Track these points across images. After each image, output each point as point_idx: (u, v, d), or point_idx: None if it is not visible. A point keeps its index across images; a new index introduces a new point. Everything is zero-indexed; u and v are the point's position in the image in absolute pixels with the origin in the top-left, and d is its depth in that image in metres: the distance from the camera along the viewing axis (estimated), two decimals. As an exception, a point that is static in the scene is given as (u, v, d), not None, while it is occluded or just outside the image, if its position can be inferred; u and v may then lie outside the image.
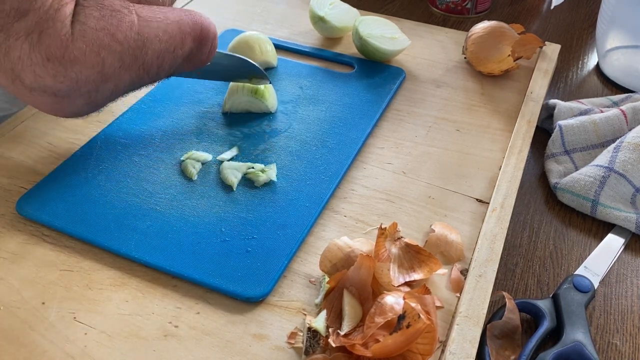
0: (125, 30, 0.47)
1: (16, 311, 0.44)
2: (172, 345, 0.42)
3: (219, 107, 0.63)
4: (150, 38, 0.49)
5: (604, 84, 0.75)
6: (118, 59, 0.47)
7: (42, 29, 0.43)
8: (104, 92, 0.50)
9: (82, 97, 0.48)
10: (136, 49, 0.48)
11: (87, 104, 0.50)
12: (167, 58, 0.51)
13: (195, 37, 0.53)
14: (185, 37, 0.52)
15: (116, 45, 0.47)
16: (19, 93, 0.47)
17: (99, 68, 0.47)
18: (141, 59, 0.49)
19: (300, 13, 0.82)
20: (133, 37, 0.48)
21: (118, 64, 0.48)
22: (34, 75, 0.45)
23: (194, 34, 0.53)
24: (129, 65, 0.49)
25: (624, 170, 0.55)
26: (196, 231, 0.49)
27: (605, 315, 0.48)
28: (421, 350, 0.39)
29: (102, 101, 0.51)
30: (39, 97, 0.47)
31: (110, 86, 0.49)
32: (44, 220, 0.50)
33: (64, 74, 0.45)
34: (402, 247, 0.46)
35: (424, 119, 0.63)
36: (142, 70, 0.50)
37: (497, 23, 0.69)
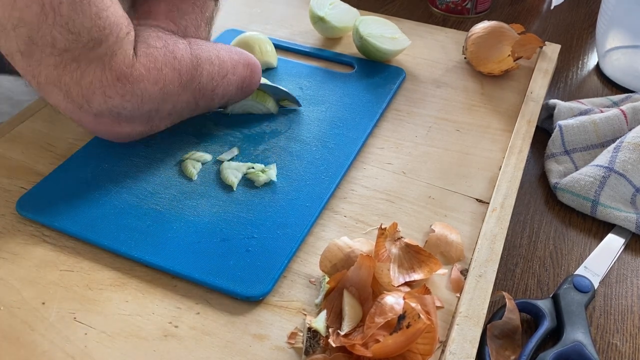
0: (182, 49, 0.52)
1: (16, 311, 0.44)
2: (172, 346, 0.42)
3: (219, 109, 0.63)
4: (203, 59, 0.54)
5: (604, 84, 0.75)
6: (177, 76, 0.52)
7: (113, 51, 0.47)
8: (162, 112, 0.54)
9: (142, 117, 0.53)
10: (192, 69, 0.53)
11: (145, 124, 0.54)
12: (220, 82, 0.56)
13: (246, 64, 0.58)
14: (236, 64, 0.57)
15: (175, 62, 0.51)
16: (83, 119, 0.51)
17: (161, 85, 0.51)
18: (197, 79, 0.53)
19: (300, 13, 0.82)
20: (189, 56, 0.52)
21: (177, 80, 0.52)
22: (103, 97, 0.49)
23: (244, 62, 0.58)
24: (186, 84, 0.53)
25: (624, 170, 0.55)
26: (196, 231, 0.49)
27: (606, 315, 0.48)
28: (421, 350, 0.39)
29: (158, 123, 0.55)
30: (103, 120, 0.51)
31: (168, 107, 0.53)
32: (44, 221, 0.50)
33: (132, 91, 0.49)
34: (402, 247, 0.46)
35: (424, 119, 0.63)
36: (197, 92, 0.54)
37: (497, 23, 0.69)
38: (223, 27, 0.78)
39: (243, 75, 0.58)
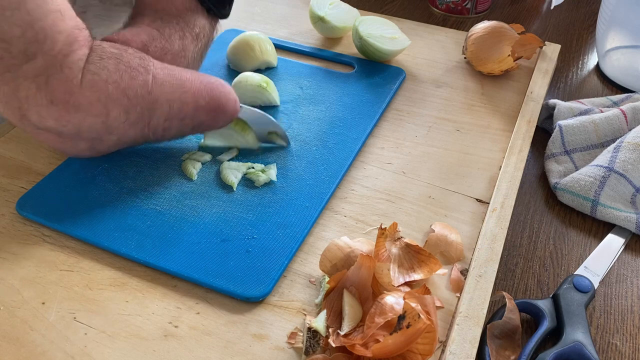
0: (136, 87, 0.47)
1: (16, 311, 0.44)
2: (172, 346, 0.42)
3: None
4: (161, 101, 0.49)
5: (604, 84, 0.75)
6: (124, 113, 0.48)
7: (50, 73, 0.44)
8: (108, 142, 0.51)
9: (85, 142, 0.49)
10: (144, 109, 0.49)
11: (89, 149, 0.51)
12: (174, 124, 0.51)
13: (210, 111, 0.52)
14: (199, 109, 0.52)
15: (124, 100, 0.47)
16: (27, 129, 0.48)
17: (103, 118, 0.47)
18: (148, 118, 0.49)
19: (300, 13, 0.82)
20: (144, 95, 0.48)
21: (123, 118, 0.48)
22: (38, 116, 0.46)
23: (209, 108, 0.52)
24: (134, 122, 0.49)
25: (624, 170, 0.55)
26: (196, 231, 0.49)
27: (606, 315, 0.48)
28: (421, 350, 0.39)
29: (105, 150, 0.52)
30: (45, 135, 0.48)
31: (113, 138, 0.50)
32: (44, 221, 0.50)
33: (67, 118, 0.46)
34: (402, 247, 0.46)
35: (424, 119, 0.63)
36: (147, 130, 0.51)
37: (497, 23, 0.69)
38: (223, 26, 0.78)
39: (202, 120, 0.53)
